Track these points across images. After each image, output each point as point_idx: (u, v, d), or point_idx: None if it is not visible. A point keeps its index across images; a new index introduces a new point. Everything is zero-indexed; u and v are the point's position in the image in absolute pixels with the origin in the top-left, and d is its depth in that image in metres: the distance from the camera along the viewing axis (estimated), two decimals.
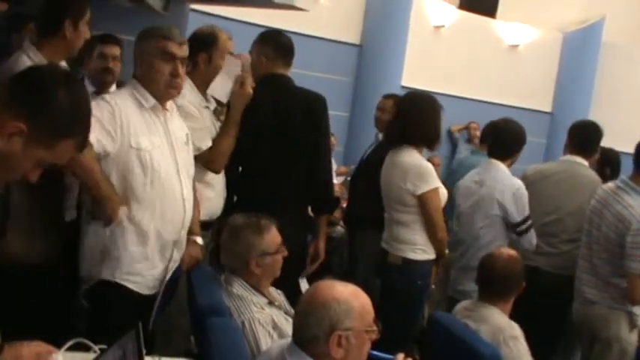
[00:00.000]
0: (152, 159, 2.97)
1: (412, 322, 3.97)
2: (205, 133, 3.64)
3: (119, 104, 2.96)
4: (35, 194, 3.06)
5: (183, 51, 3.07)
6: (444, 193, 4.00)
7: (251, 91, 3.70)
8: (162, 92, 3.06)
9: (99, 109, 2.85)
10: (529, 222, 4.25)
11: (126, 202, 2.96)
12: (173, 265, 3.15)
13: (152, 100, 3.04)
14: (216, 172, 3.70)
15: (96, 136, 2.83)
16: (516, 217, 4.23)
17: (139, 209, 2.97)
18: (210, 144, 3.64)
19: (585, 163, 4.62)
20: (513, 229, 4.27)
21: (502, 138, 4.44)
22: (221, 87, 3.73)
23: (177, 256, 3.16)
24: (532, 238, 4.28)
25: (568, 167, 4.63)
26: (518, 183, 4.26)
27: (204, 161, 3.64)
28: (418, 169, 3.89)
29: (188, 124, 3.50)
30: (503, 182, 4.26)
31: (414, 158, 3.93)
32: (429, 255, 3.97)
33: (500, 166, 4.34)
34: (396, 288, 3.94)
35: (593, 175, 4.59)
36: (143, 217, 2.98)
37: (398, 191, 3.94)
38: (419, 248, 3.94)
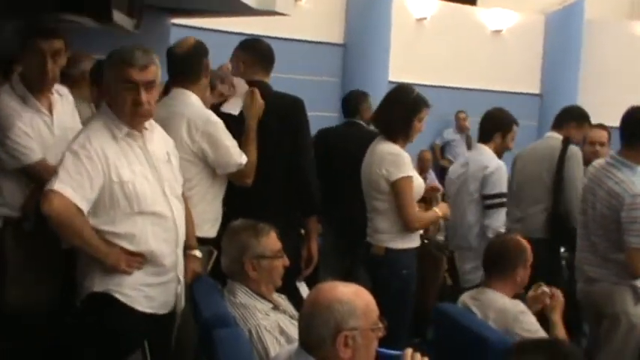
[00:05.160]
0: (135, 188, 2.91)
1: (404, 313, 3.94)
2: (238, 148, 3.65)
3: (94, 144, 2.87)
4: (30, 242, 3.07)
5: (148, 74, 2.91)
6: (419, 184, 4.04)
7: (262, 101, 3.78)
8: (130, 120, 2.94)
9: (80, 161, 2.81)
10: (502, 199, 4.33)
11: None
12: (179, 286, 3.15)
13: (125, 129, 2.95)
14: (249, 184, 3.72)
15: (87, 197, 2.81)
16: (488, 190, 4.33)
17: (131, 238, 2.93)
18: (246, 158, 3.66)
19: (557, 135, 5.01)
20: (483, 201, 4.36)
21: (482, 122, 4.63)
22: (233, 103, 3.85)
23: (180, 275, 3.15)
24: (500, 216, 4.34)
25: (540, 142, 5.23)
26: (499, 162, 4.40)
27: (241, 176, 3.68)
28: (393, 157, 3.92)
29: (227, 142, 3.55)
30: (484, 160, 4.40)
31: (390, 147, 3.95)
32: (411, 243, 4.00)
33: (484, 149, 4.50)
34: (382, 280, 3.91)
35: (554, 143, 4.95)
36: (139, 244, 2.95)
37: (375, 177, 3.96)
38: (399, 237, 3.95)
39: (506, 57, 11.81)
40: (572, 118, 5.08)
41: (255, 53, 4.04)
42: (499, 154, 4.53)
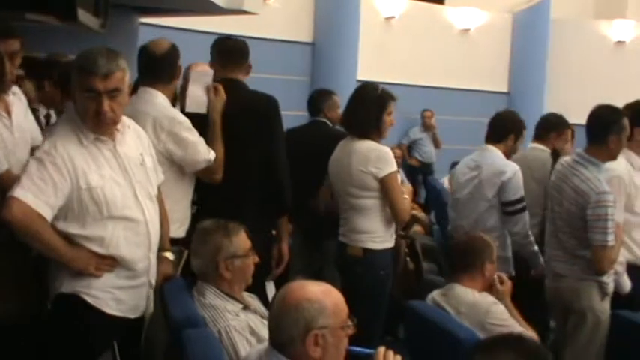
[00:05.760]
0: (105, 194, 2.87)
1: (378, 313, 3.96)
2: (205, 145, 3.64)
3: (60, 150, 2.82)
4: (4, 251, 3.02)
5: (111, 82, 2.80)
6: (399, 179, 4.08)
7: (224, 95, 3.77)
8: (93, 129, 2.88)
9: (44, 167, 2.78)
10: (522, 204, 4.38)
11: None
12: (150, 290, 3.13)
13: (91, 135, 2.89)
14: (219, 180, 3.72)
15: (50, 204, 2.77)
16: (509, 197, 4.35)
17: (100, 241, 2.89)
18: (214, 153, 3.64)
19: (541, 147, 4.97)
20: (504, 208, 4.38)
21: (493, 123, 4.61)
22: (197, 100, 3.78)
23: (152, 279, 3.12)
24: (523, 220, 4.39)
25: (526, 154, 5.03)
26: (515, 166, 4.42)
27: (210, 173, 3.68)
28: (378, 153, 3.91)
29: (193, 139, 3.55)
30: (498, 165, 4.41)
31: (370, 144, 3.94)
32: (389, 243, 4.00)
33: (495, 151, 4.49)
34: (358, 280, 3.92)
35: (542, 155, 4.91)
36: (109, 248, 2.91)
37: (359, 175, 3.91)
38: (379, 237, 3.94)
39: (474, 56, 11.91)
40: (552, 129, 5.02)
41: (221, 51, 4.02)
42: (507, 156, 4.55)
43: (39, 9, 4.27)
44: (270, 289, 4.01)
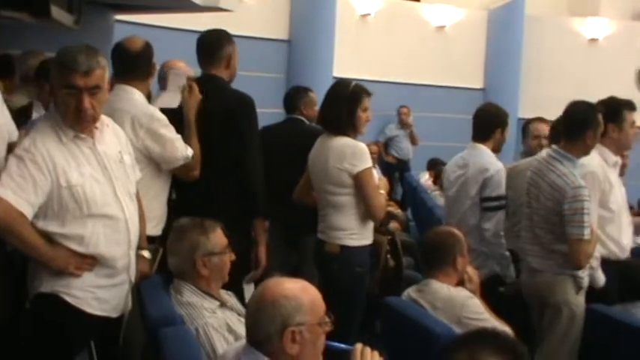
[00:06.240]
0: (85, 192, 2.84)
1: (355, 310, 3.95)
2: (182, 142, 3.64)
3: (39, 147, 2.79)
4: None
5: (91, 80, 2.79)
6: (376, 175, 4.08)
7: (199, 94, 3.80)
8: (74, 126, 2.86)
9: (24, 165, 2.75)
10: (501, 202, 4.41)
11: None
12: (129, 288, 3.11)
13: (71, 133, 2.87)
14: (196, 178, 3.73)
15: (30, 201, 2.74)
16: (488, 192, 4.39)
17: (80, 239, 2.86)
18: (191, 151, 3.65)
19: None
20: (482, 204, 4.43)
21: (478, 120, 4.60)
22: (171, 99, 3.82)
23: (132, 278, 3.10)
24: (497, 218, 4.41)
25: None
26: (499, 165, 4.44)
27: (187, 170, 3.68)
28: (354, 149, 3.88)
29: (171, 136, 3.56)
30: (484, 163, 4.44)
31: (346, 140, 3.91)
32: (366, 240, 3.99)
33: (483, 149, 4.52)
34: (335, 277, 3.91)
35: None
36: (88, 246, 2.88)
37: (335, 172, 3.89)
38: (355, 234, 3.92)
39: (449, 52, 11.96)
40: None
41: (200, 47, 4.03)
42: (498, 149, 4.56)
43: (12, 6, 4.23)
44: (250, 292, 3.98)
